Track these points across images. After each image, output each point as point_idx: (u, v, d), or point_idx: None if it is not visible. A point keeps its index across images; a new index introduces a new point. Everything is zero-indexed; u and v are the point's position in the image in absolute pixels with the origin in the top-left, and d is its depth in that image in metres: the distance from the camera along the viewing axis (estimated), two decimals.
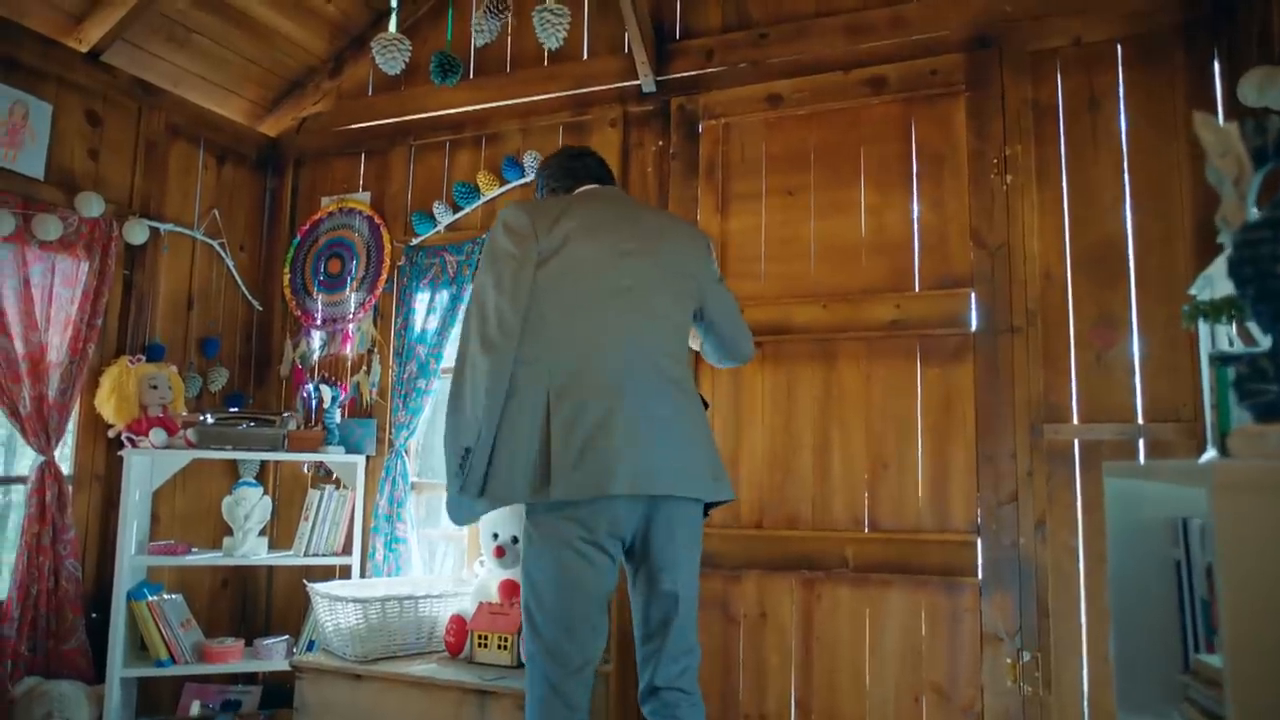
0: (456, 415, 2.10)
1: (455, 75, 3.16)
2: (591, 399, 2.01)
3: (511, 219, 2.14)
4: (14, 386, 2.96)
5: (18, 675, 2.93)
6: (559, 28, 2.69)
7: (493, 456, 2.04)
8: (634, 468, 2.01)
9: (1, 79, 3.02)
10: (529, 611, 2.09)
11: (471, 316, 2.12)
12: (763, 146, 3.23)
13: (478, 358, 2.09)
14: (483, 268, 2.14)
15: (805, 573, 2.97)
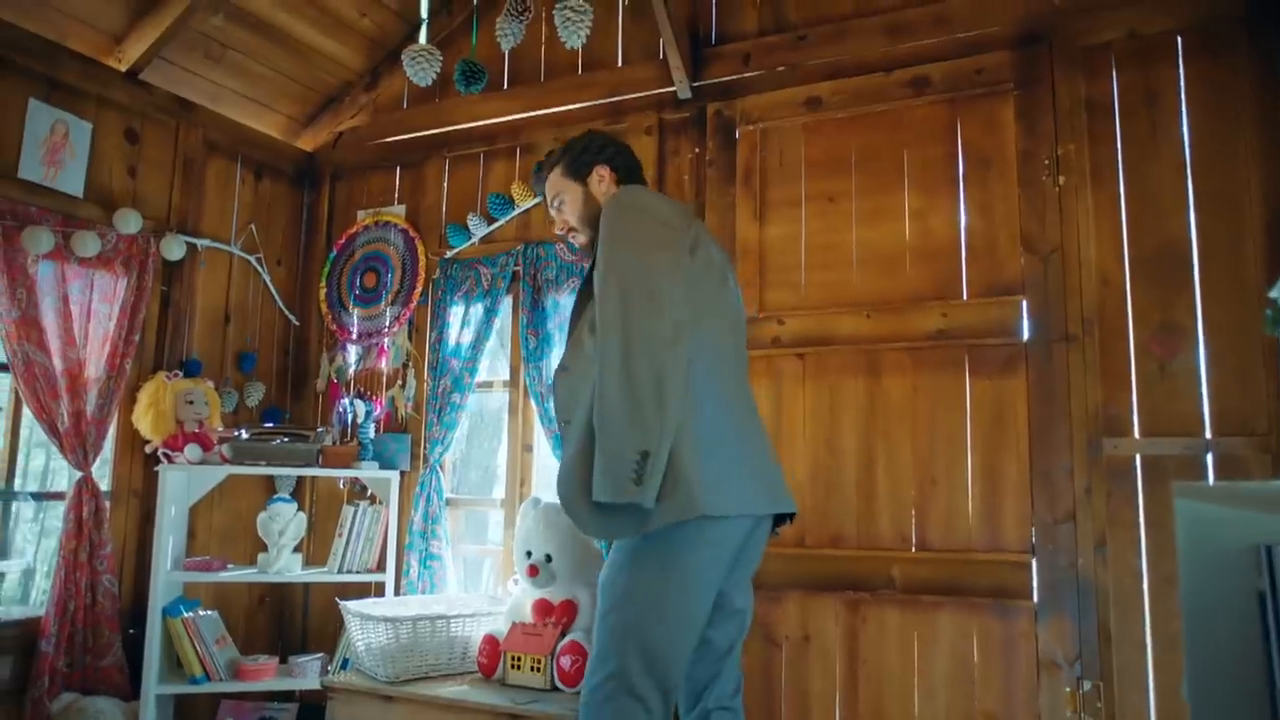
0: (632, 414, 1.80)
1: (480, 83, 3.11)
2: (737, 405, 2.01)
3: (654, 205, 2.02)
4: (52, 403, 2.97)
5: (55, 691, 2.93)
6: (580, 25, 2.63)
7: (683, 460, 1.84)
8: (772, 481, 2.03)
9: (44, 99, 3.04)
10: (648, 649, 1.86)
11: (636, 301, 1.85)
12: (802, 151, 3.13)
13: (657, 348, 1.83)
14: (634, 246, 1.92)
15: (850, 594, 2.84)
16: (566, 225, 2.26)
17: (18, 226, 2.89)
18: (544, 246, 3.44)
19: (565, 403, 2.05)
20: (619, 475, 1.79)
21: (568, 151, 2.27)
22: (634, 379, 1.82)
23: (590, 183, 2.23)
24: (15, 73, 2.97)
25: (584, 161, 2.24)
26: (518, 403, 3.50)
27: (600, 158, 2.24)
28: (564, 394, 2.06)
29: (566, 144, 2.30)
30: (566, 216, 2.25)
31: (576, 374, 2.03)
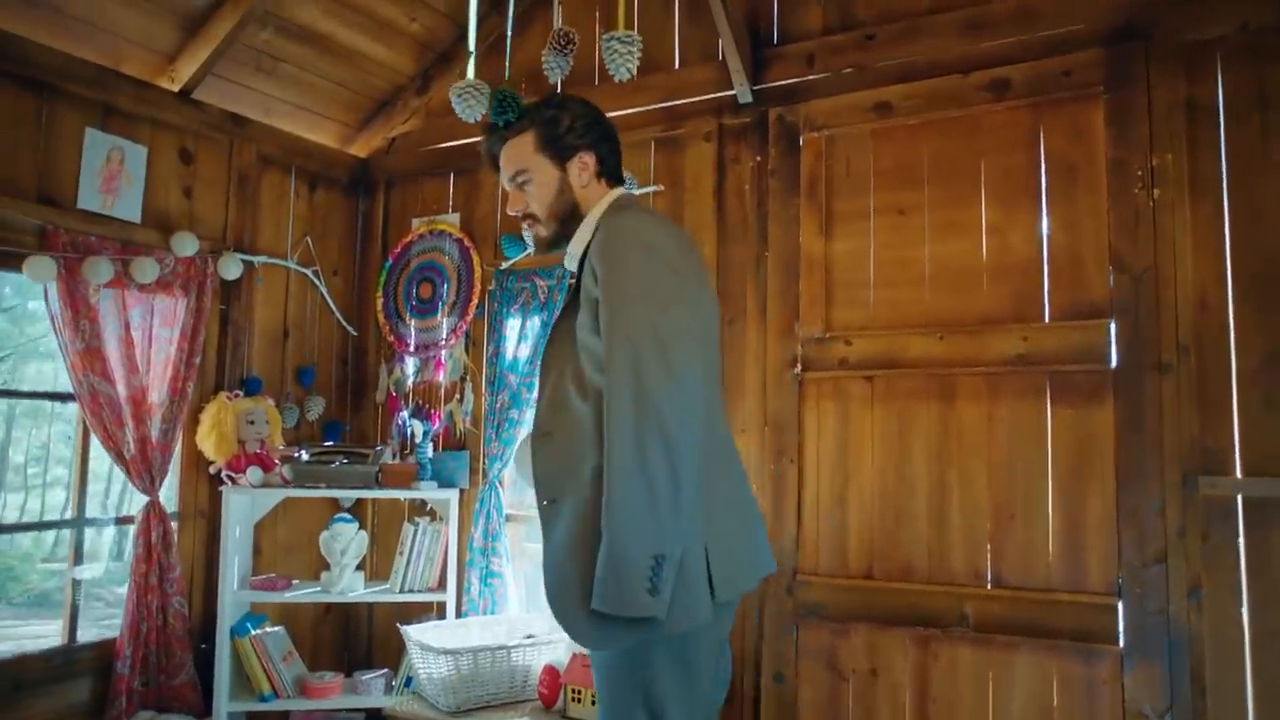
0: (647, 511, 1.57)
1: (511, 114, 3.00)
2: (725, 459, 1.79)
3: (662, 239, 1.73)
4: (118, 431, 3.01)
5: (132, 709, 3.00)
6: (629, 58, 2.48)
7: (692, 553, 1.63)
8: (761, 544, 1.84)
9: (100, 126, 3.03)
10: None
11: (651, 373, 1.60)
12: (870, 160, 2.96)
13: (674, 431, 1.60)
14: (646, 300, 1.65)
15: (921, 629, 2.73)
16: (525, 210, 1.89)
17: (79, 258, 2.90)
18: None
19: (549, 477, 1.75)
20: (631, 583, 1.55)
21: (546, 119, 1.87)
22: (648, 470, 1.58)
23: (570, 169, 1.86)
24: (71, 102, 2.96)
25: (568, 141, 1.86)
26: None
27: (587, 141, 1.87)
28: (547, 466, 1.75)
29: (541, 104, 1.91)
30: (530, 200, 1.88)
31: (561, 441, 1.74)
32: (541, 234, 1.91)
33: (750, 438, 3.06)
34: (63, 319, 2.90)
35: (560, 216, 1.87)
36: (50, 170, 2.91)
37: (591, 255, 1.73)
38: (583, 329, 1.73)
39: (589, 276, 1.73)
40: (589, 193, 1.88)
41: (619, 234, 1.72)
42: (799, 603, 2.90)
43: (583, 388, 1.72)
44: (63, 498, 17.70)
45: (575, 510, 1.67)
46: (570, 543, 1.66)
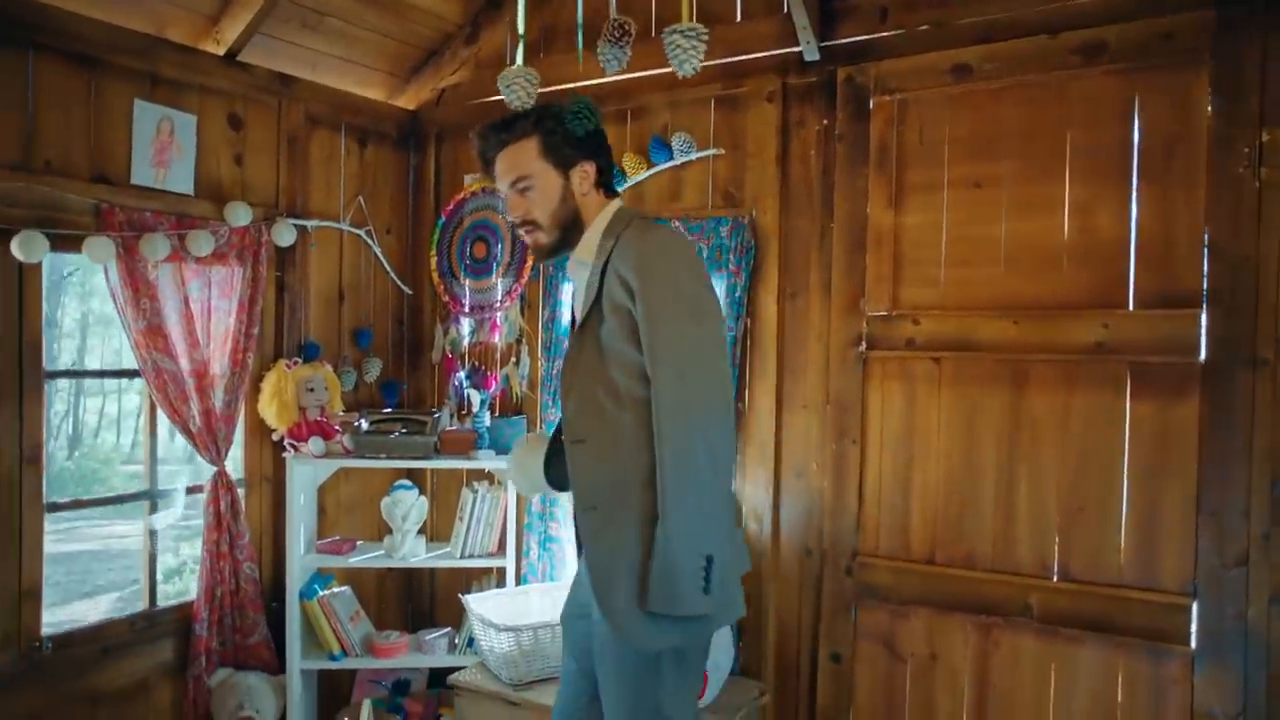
0: (700, 517, 1.73)
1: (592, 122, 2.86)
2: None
3: (693, 254, 1.89)
4: (183, 406, 3.05)
5: (211, 667, 3.15)
6: (693, 53, 2.31)
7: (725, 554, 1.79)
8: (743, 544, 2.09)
9: (148, 97, 2.97)
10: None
11: (699, 389, 1.75)
12: (946, 128, 2.77)
13: (719, 443, 1.77)
14: (691, 317, 1.79)
15: (983, 617, 2.70)
16: (527, 216, 1.94)
17: (136, 236, 2.89)
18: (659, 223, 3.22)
19: (589, 485, 1.84)
20: (687, 584, 1.70)
21: (548, 126, 1.91)
22: (700, 476, 1.73)
23: (573, 177, 1.93)
24: (118, 74, 2.90)
25: (573, 149, 1.93)
26: None
27: (588, 150, 1.95)
28: (587, 475, 1.84)
29: (541, 109, 1.95)
30: (532, 206, 1.92)
31: (598, 448, 1.83)
32: (542, 241, 1.96)
33: (811, 416, 3.00)
34: (124, 298, 2.91)
35: (562, 224, 1.94)
36: (102, 146, 2.88)
37: (620, 267, 1.81)
38: (612, 338, 1.83)
39: (618, 287, 1.81)
40: (589, 201, 1.95)
41: (658, 249, 1.82)
42: (858, 583, 2.88)
43: (617, 396, 1.82)
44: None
45: (626, 518, 1.78)
46: (622, 549, 1.77)
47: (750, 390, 3.11)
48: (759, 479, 3.08)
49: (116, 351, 16.32)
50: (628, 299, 1.80)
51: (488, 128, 1.97)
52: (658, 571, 1.72)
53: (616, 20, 2.44)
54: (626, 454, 1.80)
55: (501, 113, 3.62)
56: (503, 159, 1.95)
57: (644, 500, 1.78)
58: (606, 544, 1.80)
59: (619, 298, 1.82)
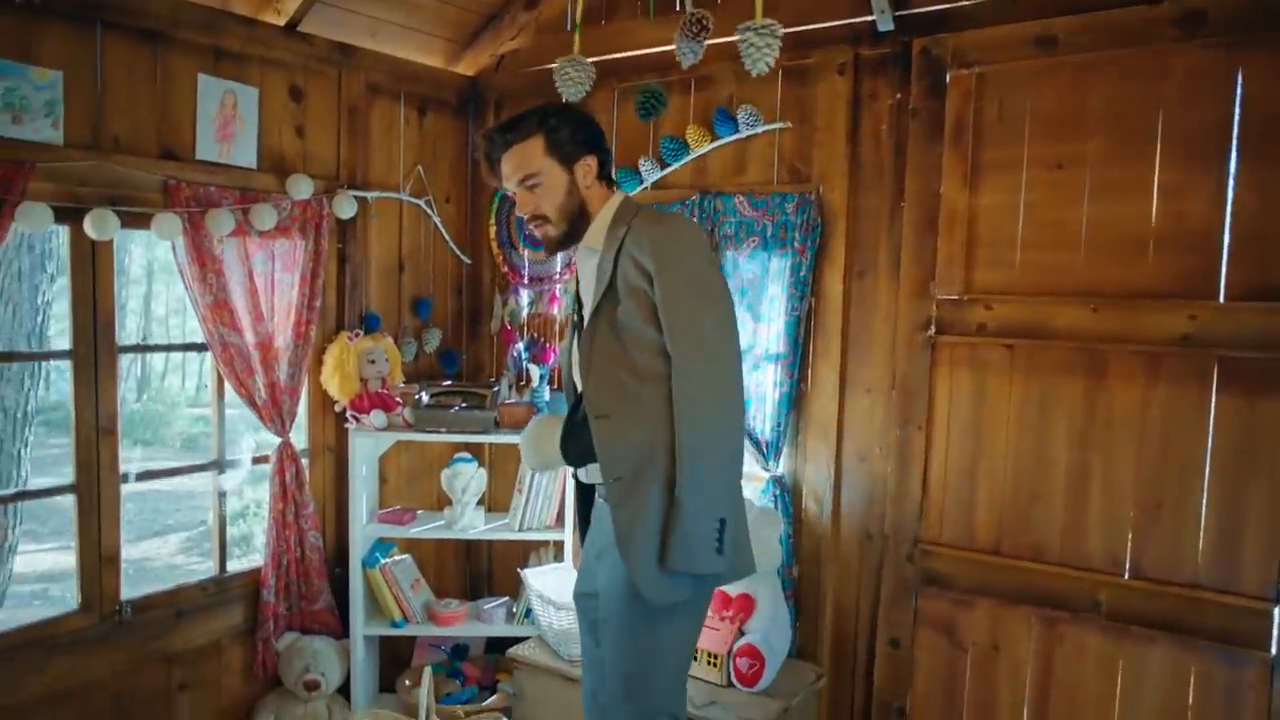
0: (720, 483, 1.94)
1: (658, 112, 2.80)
2: None
3: (711, 251, 2.16)
4: (249, 379, 3.10)
5: (279, 632, 3.24)
6: (767, 52, 2.21)
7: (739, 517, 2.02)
8: None
9: (211, 71, 2.97)
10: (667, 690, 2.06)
11: (725, 367, 1.94)
12: (1027, 104, 2.64)
13: (739, 417, 1.97)
14: (715, 300, 1.98)
15: (1048, 610, 2.64)
16: (537, 211, 2.07)
17: (201, 211, 2.91)
18: (723, 198, 3.15)
19: (614, 456, 1.97)
20: (702, 545, 1.90)
21: (551, 125, 2.04)
22: (718, 446, 1.91)
23: (577, 172, 2.06)
24: (183, 49, 2.90)
25: (575, 145, 2.06)
26: None
27: (591, 144, 2.08)
28: (611, 446, 1.97)
29: (542, 110, 2.07)
30: (541, 201, 2.06)
31: (621, 422, 1.96)
32: (551, 234, 2.09)
33: (875, 400, 2.94)
34: (191, 273, 2.95)
35: (570, 216, 2.07)
36: (168, 122, 2.89)
37: (635, 252, 1.95)
38: (630, 319, 1.97)
39: (634, 271, 1.95)
40: (593, 193, 2.08)
41: (673, 235, 1.98)
42: (920, 570, 2.84)
43: (637, 373, 1.96)
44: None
45: (649, 485, 1.93)
46: (645, 514, 1.93)
47: (813, 370, 3.05)
48: (820, 460, 3.04)
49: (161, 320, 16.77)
50: (644, 282, 1.95)
51: (493, 131, 2.09)
52: (677, 534, 1.90)
53: (694, 15, 2.34)
54: (648, 426, 1.95)
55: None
56: (509, 159, 2.07)
57: (666, 468, 1.94)
58: (630, 509, 1.94)
59: (635, 281, 1.96)
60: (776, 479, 3.05)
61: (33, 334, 6.17)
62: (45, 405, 9.21)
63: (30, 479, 6.30)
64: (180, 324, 19.49)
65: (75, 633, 2.78)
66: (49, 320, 6.51)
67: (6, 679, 2.61)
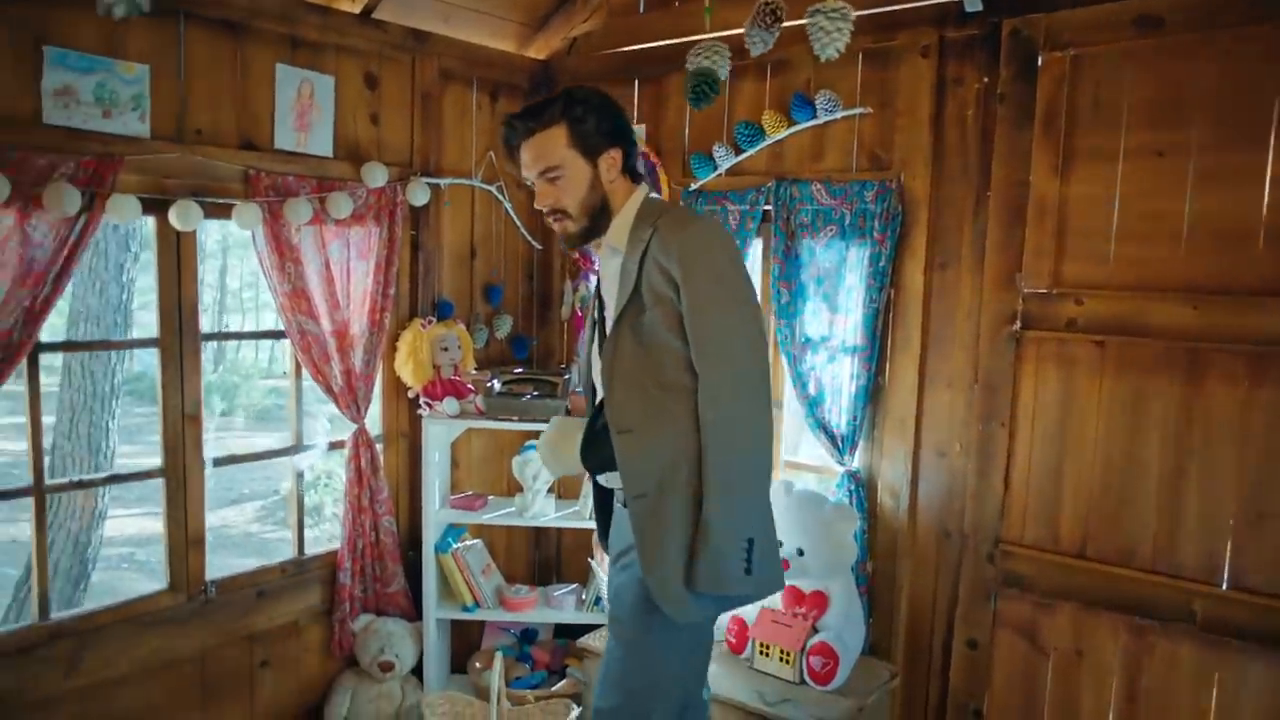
0: (749, 502, 1.88)
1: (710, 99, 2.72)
2: None
3: (740, 256, 1.98)
4: (326, 366, 3.15)
5: (355, 613, 3.31)
6: (838, 37, 2.11)
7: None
8: None
9: (289, 61, 2.99)
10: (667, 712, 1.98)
11: (754, 380, 1.87)
12: (1125, 89, 2.51)
13: (768, 431, 1.90)
14: (746, 309, 1.89)
15: (1136, 618, 2.55)
16: (557, 205, 1.97)
17: (280, 200, 2.95)
18: (799, 185, 3.08)
19: (637, 473, 1.89)
20: (731, 566, 1.83)
21: (577, 114, 1.92)
22: (743, 466, 1.85)
23: (601, 165, 1.96)
24: (261, 39, 2.92)
25: (600, 137, 1.94)
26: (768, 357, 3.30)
27: (616, 136, 1.97)
28: (635, 463, 1.89)
29: (567, 96, 1.95)
30: (562, 195, 1.95)
31: (645, 437, 1.88)
32: (571, 229, 1.99)
33: (955, 395, 2.85)
34: (270, 262, 2.99)
35: (591, 211, 1.96)
36: (248, 112, 2.92)
37: (661, 257, 1.86)
38: (656, 328, 1.88)
39: (659, 278, 1.86)
40: (616, 188, 1.98)
41: (701, 240, 1.87)
42: (1000, 571, 2.77)
43: (663, 385, 1.88)
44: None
45: (674, 503, 1.86)
46: (670, 533, 1.86)
47: (891, 364, 2.98)
48: (897, 455, 2.97)
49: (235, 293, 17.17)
50: (670, 290, 1.86)
51: (514, 116, 1.99)
52: (704, 554, 1.83)
53: (768, 4, 2.26)
54: (673, 441, 1.87)
55: (634, 61, 3.55)
56: (530, 148, 1.96)
57: (691, 485, 1.86)
58: (654, 527, 1.87)
59: (661, 288, 1.87)
60: (851, 473, 3.00)
61: (119, 311, 6.39)
62: (129, 377, 9.56)
63: (118, 446, 6.56)
64: (254, 298, 20.07)
65: (164, 611, 2.88)
66: (133, 296, 6.73)
67: (104, 654, 2.72)
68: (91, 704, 2.72)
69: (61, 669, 2.64)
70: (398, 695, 3.29)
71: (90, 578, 6.01)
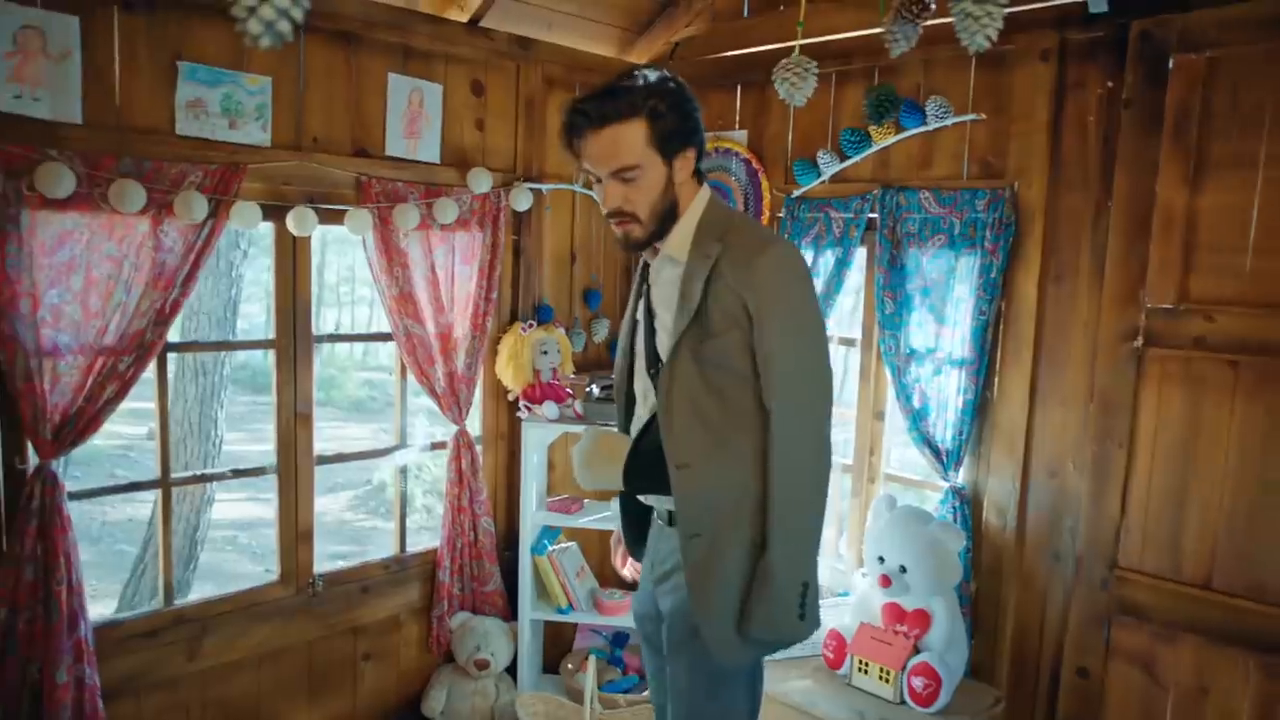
0: (809, 548, 1.79)
1: (891, 114, 2.65)
2: None
3: (812, 282, 1.82)
4: (430, 369, 3.21)
5: (453, 610, 3.38)
6: (987, 22, 2.01)
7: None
8: None
9: (400, 70, 3.06)
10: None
11: (820, 409, 1.77)
12: (1269, 93, 2.36)
13: (829, 461, 1.80)
14: (822, 348, 1.79)
15: (1269, 657, 2.40)
16: (626, 208, 1.75)
17: (390, 206, 3.02)
18: (906, 193, 3.01)
19: (694, 512, 1.75)
20: (786, 611, 1.75)
21: (657, 110, 1.70)
22: (807, 509, 1.76)
23: (675, 166, 1.76)
24: (374, 49, 3.00)
25: (678, 137, 1.73)
26: (870, 367, 3.25)
27: (692, 134, 1.76)
28: (692, 503, 1.75)
29: (646, 87, 1.70)
30: (635, 197, 1.74)
31: (705, 474, 1.75)
32: (636, 234, 1.79)
33: (1069, 413, 2.74)
34: (379, 266, 3.07)
35: (661, 216, 1.78)
36: (361, 121, 3.00)
37: (735, 282, 1.70)
38: (723, 355, 1.73)
39: (732, 302, 1.71)
40: (685, 189, 1.81)
41: (779, 268, 1.71)
42: (1114, 598, 2.65)
43: (725, 417, 1.74)
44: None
45: (732, 544, 1.76)
46: (726, 576, 1.76)
47: (1000, 379, 2.88)
48: (1004, 473, 2.87)
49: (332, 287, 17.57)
50: (745, 316, 1.72)
51: (587, 101, 1.73)
52: (761, 599, 1.74)
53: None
54: (735, 479, 1.75)
55: (737, 66, 3.52)
56: (602, 141, 1.72)
57: (753, 526, 1.76)
58: (710, 570, 1.76)
59: (735, 313, 1.72)
60: (956, 490, 2.91)
61: (228, 305, 6.67)
62: (234, 365, 10.00)
63: (225, 433, 6.86)
64: (350, 292, 20.66)
65: (275, 602, 2.99)
66: (241, 291, 7.01)
67: (221, 640, 2.84)
68: (210, 687, 2.85)
69: (184, 652, 2.77)
70: (492, 692, 3.35)
71: (199, 559, 6.29)
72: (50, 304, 2.37)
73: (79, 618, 2.44)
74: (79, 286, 2.42)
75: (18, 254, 2.28)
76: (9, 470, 2.41)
